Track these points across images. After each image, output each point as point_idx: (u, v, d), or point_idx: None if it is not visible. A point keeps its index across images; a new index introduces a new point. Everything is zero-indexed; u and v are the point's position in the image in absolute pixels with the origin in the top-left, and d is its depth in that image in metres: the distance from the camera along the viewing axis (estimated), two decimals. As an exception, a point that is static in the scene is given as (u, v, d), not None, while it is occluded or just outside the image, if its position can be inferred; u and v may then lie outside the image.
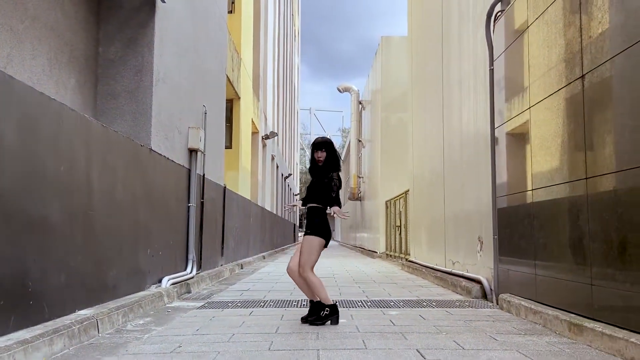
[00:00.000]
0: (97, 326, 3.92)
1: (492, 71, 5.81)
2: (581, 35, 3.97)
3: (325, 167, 4.49)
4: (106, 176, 4.59)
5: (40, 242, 3.52)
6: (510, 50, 5.44)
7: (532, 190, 4.76)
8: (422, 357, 3.17)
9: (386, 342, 3.61)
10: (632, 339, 3.11)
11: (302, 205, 4.59)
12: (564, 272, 4.16)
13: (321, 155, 4.49)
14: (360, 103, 23.51)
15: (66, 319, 3.70)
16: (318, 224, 4.39)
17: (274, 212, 21.73)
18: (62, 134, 3.78)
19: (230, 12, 12.79)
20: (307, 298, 6.11)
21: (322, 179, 4.42)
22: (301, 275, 4.38)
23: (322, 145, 4.51)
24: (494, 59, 5.81)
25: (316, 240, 4.37)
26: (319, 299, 4.34)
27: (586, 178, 3.83)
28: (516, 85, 5.27)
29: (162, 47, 6.22)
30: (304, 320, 4.36)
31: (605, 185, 3.58)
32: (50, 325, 3.47)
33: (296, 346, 3.47)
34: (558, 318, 3.99)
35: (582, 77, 3.92)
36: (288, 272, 4.50)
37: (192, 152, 7.55)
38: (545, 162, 4.55)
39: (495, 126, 5.73)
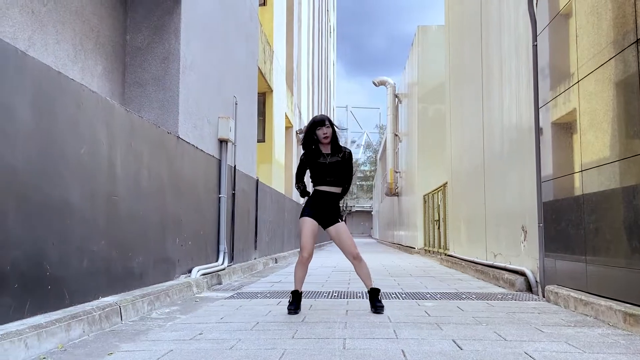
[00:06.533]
0: (120, 313, 3.81)
1: (535, 47, 5.42)
2: (636, -4, 3.58)
3: (334, 145, 4.26)
4: (131, 162, 4.49)
5: (59, 225, 3.42)
6: (555, 23, 5.04)
7: (582, 171, 4.38)
8: (459, 347, 2.89)
9: (419, 332, 3.34)
10: (701, 331, 2.74)
11: (319, 185, 4.27)
12: (618, 259, 3.77)
13: (327, 131, 4.17)
14: (396, 96, 23.06)
15: (87, 305, 3.60)
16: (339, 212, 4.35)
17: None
18: (82, 115, 3.68)
19: (262, 4, 12.69)
20: (337, 289, 5.90)
21: (337, 158, 4.23)
22: (360, 259, 4.24)
23: (325, 121, 4.20)
24: (538, 34, 5.41)
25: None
26: (370, 286, 4.28)
27: (643, 153, 3.44)
28: (562, 59, 4.87)
29: (189, 34, 6.12)
30: (293, 310, 4.05)
31: (667, 159, 3.20)
32: (69, 311, 3.37)
33: (322, 335, 3.25)
34: (611, 309, 3.62)
35: (637, 41, 3.53)
36: (304, 262, 4.19)
37: (222, 142, 7.43)
38: (596, 139, 4.16)
39: (540, 106, 5.34)
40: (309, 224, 4.16)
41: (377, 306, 4.10)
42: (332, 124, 4.23)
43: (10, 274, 2.93)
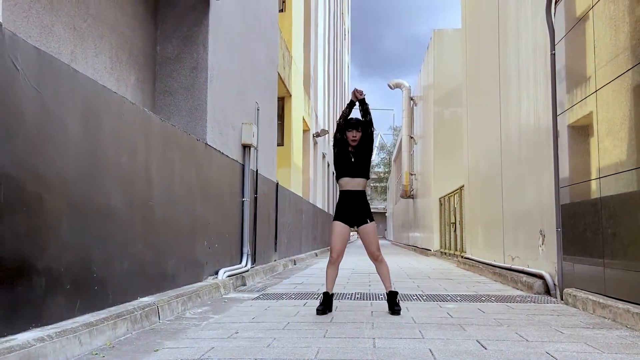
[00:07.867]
0: (158, 313, 4.03)
1: (553, 56, 5.55)
2: (653, 10, 3.71)
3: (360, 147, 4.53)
4: (164, 168, 4.72)
5: (103, 231, 3.65)
6: (572, 33, 5.18)
7: (600, 178, 4.51)
8: (483, 347, 3.06)
9: (444, 332, 3.51)
10: None
11: (342, 177, 4.49)
12: (636, 263, 3.90)
13: (357, 135, 4.44)
14: (411, 99, 23.17)
15: (129, 305, 3.82)
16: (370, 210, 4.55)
17: (326, 210, 21.77)
18: (123, 126, 3.91)
19: (281, 10, 12.92)
20: (359, 291, 6.07)
21: (361, 154, 4.48)
22: (380, 260, 4.44)
23: (359, 126, 4.46)
24: (556, 43, 5.54)
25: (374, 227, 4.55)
26: (390, 288, 4.45)
27: (660, 162, 3.58)
28: (580, 68, 5.01)
29: (216, 44, 6.34)
30: (321, 311, 4.29)
31: (683, 168, 3.33)
32: (114, 310, 3.60)
33: (352, 334, 3.43)
34: (629, 311, 3.75)
35: (655, 54, 3.67)
36: (333, 262, 4.53)
37: (245, 147, 7.66)
38: (613, 147, 4.29)
39: (558, 113, 5.48)
40: (339, 227, 4.46)
41: (394, 309, 4.29)
42: (365, 130, 4.49)
43: (64, 276, 3.16)
